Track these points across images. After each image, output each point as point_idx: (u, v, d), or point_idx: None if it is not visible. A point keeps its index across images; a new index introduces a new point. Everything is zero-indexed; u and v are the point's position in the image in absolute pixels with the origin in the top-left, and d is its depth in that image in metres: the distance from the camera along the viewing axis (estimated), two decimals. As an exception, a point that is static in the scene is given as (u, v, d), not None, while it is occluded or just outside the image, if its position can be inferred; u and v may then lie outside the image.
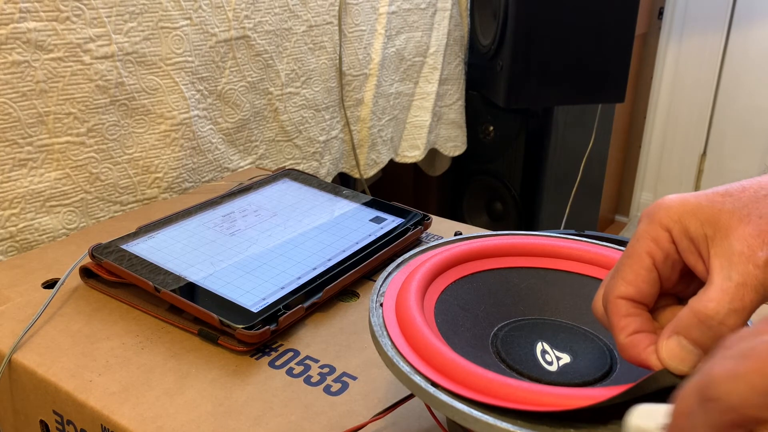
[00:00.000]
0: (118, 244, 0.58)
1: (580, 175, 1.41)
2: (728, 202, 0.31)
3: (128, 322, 0.52)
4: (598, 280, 0.44)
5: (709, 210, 0.31)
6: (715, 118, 1.96)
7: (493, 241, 0.45)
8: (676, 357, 0.30)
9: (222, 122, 0.87)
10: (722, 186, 0.33)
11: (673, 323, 0.31)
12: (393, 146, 1.20)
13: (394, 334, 0.36)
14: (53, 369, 0.47)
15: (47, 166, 0.69)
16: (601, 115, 1.43)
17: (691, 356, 0.30)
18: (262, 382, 0.46)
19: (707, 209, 0.31)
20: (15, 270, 0.60)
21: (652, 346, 0.31)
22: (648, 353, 0.31)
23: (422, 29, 1.17)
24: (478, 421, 0.30)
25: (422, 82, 1.21)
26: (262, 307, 0.51)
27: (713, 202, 0.31)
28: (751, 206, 0.30)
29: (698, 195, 0.32)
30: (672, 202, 0.32)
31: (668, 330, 0.31)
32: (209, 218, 0.65)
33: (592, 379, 0.36)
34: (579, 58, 1.20)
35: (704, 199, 0.32)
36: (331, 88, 1.02)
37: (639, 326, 0.32)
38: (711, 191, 0.32)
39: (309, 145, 1.01)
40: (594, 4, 1.17)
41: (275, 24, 0.89)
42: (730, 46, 1.88)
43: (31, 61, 0.65)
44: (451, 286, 0.42)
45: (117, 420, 0.42)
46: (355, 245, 0.61)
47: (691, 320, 0.30)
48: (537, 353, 0.38)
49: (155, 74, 0.76)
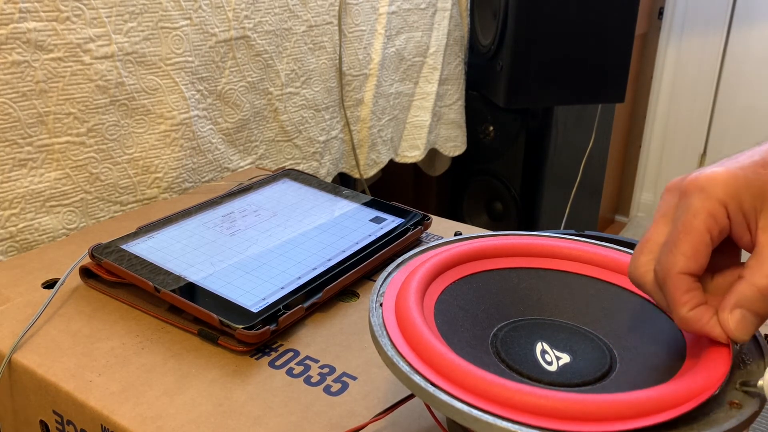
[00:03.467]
0: (118, 244, 0.58)
1: (580, 175, 1.41)
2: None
3: (128, 322, 0.52)
4: (598, 280, 0.44)
5: (756, 183, 0.32)
6: (715, 118, 1.96)
7: (492, 242, 0.45)
8: (743, 329, 0.33)
9: (222, 122, 0.87)
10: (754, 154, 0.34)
11: (734, 297, 0.33)
12: (393, 146, 1.20)
13: (394, 335, 0.36)
14: (53, 369, 0.47)
15: (47, 166, 0.69)
16: (601, 115, 1.43)
17: (753, 327, 0.33)
18: (262, 382, 0.46)
19: (755, 182, 0.32)
20: (15, 270, 0.60)
21: (714, 318, 0.33)
22: (712, 326, 0.33)
23: (422, 29, 1.17)
24: (478, 421, 0.30)
25: (422, 82, 1.21)
26: (262, 307, 0.51)
27: (758, 174, 0.32)
28: None
29: (742, 167, 0.33)
30: (724, 176, 0.33)
31: (730, 304, 0.33)
32: (209, 218, 0.65)
33: (592, 379, 0.36)
34: (579, 58, 1.20)
35: (750, 172, 0.33)
36: (331, 88, 1.02)
37: (699, 300, 0.33)
38: (749, 162, 0.33)
39: (309, 145, 1.01)
40: (594, 4, 1.17)
41: (275, 24, 0.89)
42: (730, 46, 1.88)
43: (31, 61, 0.65)
44: (450, 286, 0.42)
45: (117, 420, 0.42)
46: (355, 245, 0.61)
47: (754, 293, 0.32)
48: (537, 353, 0.38)
49: (155, 74, 0.76)
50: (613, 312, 0.41)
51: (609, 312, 0.41)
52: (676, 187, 0.35)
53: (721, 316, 0.33)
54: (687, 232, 0.33)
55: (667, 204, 0.35)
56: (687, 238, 0.33)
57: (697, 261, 0.33)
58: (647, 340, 0.39)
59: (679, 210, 0.34)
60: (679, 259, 0.33)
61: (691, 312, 0.33)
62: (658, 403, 0.30)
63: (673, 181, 0.36)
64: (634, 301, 0.41)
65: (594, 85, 1.23)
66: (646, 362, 0.37)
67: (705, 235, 0.33)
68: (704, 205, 0.33)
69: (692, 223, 0.33)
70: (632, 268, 0.36)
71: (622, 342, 0.39)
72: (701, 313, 0.33)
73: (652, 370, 0.36)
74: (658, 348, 0.38)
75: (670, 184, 0.36)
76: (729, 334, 0.33)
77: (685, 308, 0.33)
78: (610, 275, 0.43)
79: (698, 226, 0.33)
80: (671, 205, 0.35)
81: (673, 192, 0.35)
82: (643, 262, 0.35)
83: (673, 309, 0.34)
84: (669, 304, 0.34)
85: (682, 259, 0.33)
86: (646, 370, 0.36)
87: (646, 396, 0.31)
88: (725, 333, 0.33)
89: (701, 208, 0.33)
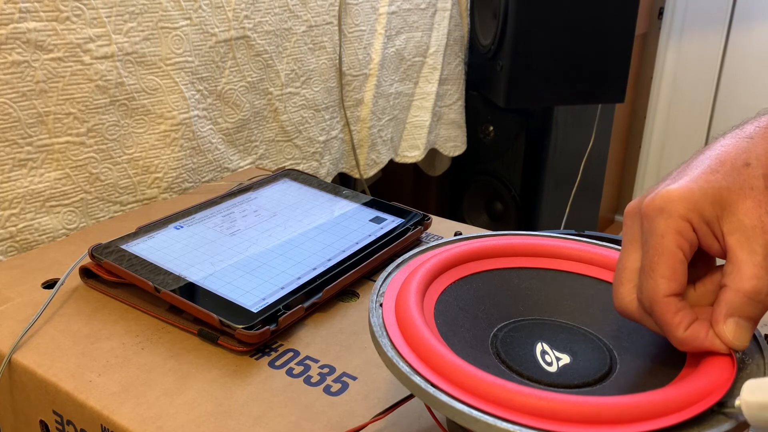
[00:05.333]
0: (118, 244, 0.58)
1: (580, 175, 1.41)
2: (720, 179, 0.33)
3: (128, 322, 0.52)
4: (598, 280, 0.44)
5: (711, 191, 0.33)
6: (715, 118, 1.96)
7: (492, 242, 0.45)
8: (740, 337, 0.33)
9: (222, 122, 0.87)
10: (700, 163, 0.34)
11: (723, 308, 0.33)
12: (393, 146, 1.20)
13: (394, 335, 0.36)
14: (53, 369, 0.47)
15: (47, 166, 0.69)
16: (601, 115, 1.43)
17: (749, 332, 0.33)
18: (262, 382, 0.46)
19: (709, 191, 0.33)
20: (15, 270, 0.60)
21: (710, 332, 0.33)
22: (710, 341, 0.33)
23: (422, 29, 1.17)
24: (478, 421, 0.30)
25: (422, 82, 1.21)
26: (262, 307, 0.51)
27: (710, 182, 0.33)
28: (738, 179, 0.33)
29: (693, 179, 0.33)
30: (679, 191, 0.33)
31: (722, 314, 0.33)
32: (209, 218, 0.65)
33: (592, 380, 0.36)
34: (579, 58, 1.20)
35: (702, 182, 0.33)
36: (331, 88, 1.02)
37: (691, 317, 0.34)
38: (698, 172, 0.34)
39: (309, 145, 1.01)
40: (594, 4, 1.17)
41: (275, 24, 0.89)
42: (730, 46, 1.88)
43: (31, 61, 0.65)
44: (450, 286, 0.42)
45: (117, 420, 0.42)
46: (355, 245, 0.61)
47: (741, 300, 0.32)
48: (537, 354, 0.38)
49: (155, 74, 0.76)
50: (613, 312, 0.41)
51: (609, 312, 0.41)
52: (635, 211, 0.36)
53: (716, 330, 0.33)
54: (660, 254, 0.33)
55: (630, 229, 0.36)
56: (661, 260, 0.33)
57: (677, 280, 0.33)
58: (647, 341, 0.39)
59: (645, 234, 0.34)
60: (660, 283, 0.33)
61: (686, 332, 0.33)
62: (660, 407, 0.30)
63: (630, 205, 0.36)
64: (634, 302, 0.41)
65: (594, 85, 1.23)
66: (647, 363, 0.37)
67: (678, 253, 0.33)
68: (668, 224, 0.33)
69: (662, 244, 0.33)
70: (617, 301, 0.36)
71: (622, 343, 0.39)
72: (697, 330, 0.33)
73: (652, 372, 0.36)
74: (658, 349, 0.38)
75: (628, 209, 0.36)
76: (728, 344, 0.33)
77: (680, 330, 0.33)
78: (611, 275, 0.43)
79: (669, 246, 0.33)
80: (634, 231, 0.35)
81: (634, 217, 0.36)
82: (624, 292, 0.36)
83: (668, 332, 0.34)
84: (662, 328, 0.34)
85: (663, 282, 0.33)
86: (646, 371, 0.36)
87: (648, 399, 0.30)
88: (725, 344, 0.33)
89: (667, 228, 0.33)
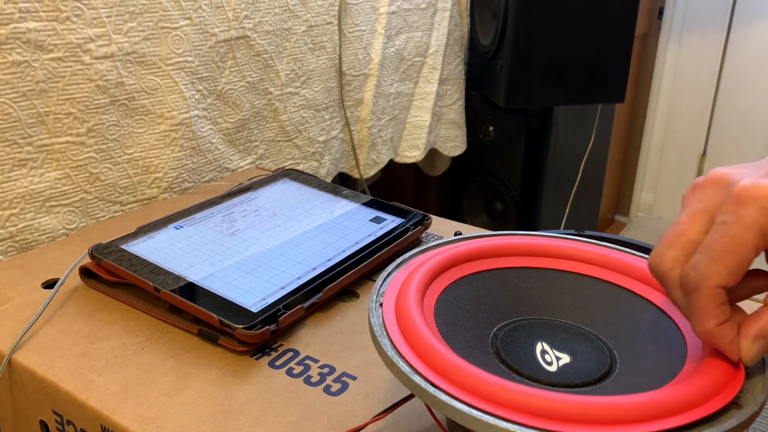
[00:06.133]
0: (118, 244, 0.58)
1: (580, 175, 1.41)
2: None
3: (128, 322, 0.52)
4: (597, 279, 0.43)
5: None
6: (715, 118, 1.96)
7: (492, 241, 0.45)
8: (757, 358, 0.32)
9: (222, 122, 0.87)
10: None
11: (758, 326, 0.32)
12: (393, 146, 1.20)
13: (394, 335, 0.36)
14: (53, 369, 0.47)
15: (47, 166, 0.69)
16: (601, 115, 1.43)
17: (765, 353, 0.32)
18: (262, 382, 0.46)
19: None
20: (15, 270, 0.60)
21: (735, 340, 0.32)
22: (731, 347, 0.32)
23: (422, 29, 1.17)
24: (478, 421, 0.30)
25: (422, 82, 1.21)
26: (262, 307, 0.51)
27: None
28: None
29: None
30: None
31: (753, 333, 0.32)
32: (209, 218, 0.65)
33: (592, 380, 0.36)
34: (579, 59, 1.20)
35: None
36: (331, 88, 1.02)
37: (727, 315, 0.32)
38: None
39: (309, 145, 1.01)
40: (594, 4, 1.17)
41: (275, 24, 0.89)
42: (730, 46, 1.88)
43: (31, 61, 0.65)
44: (450, 286, 0.42)
45: (117, 420, 0.42)
46: (355, 245, 0.61)
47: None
48: (537, 353, 0.38)
49: (155, 74, 0.76)
50: (613, 312, 0.41)
51: (609, 312, 0.41)
52: (723, 183, 0.33)
53: (742, 344, 0.32)
54: (736, 244, 0.31)
55: (709, 200, 0.33)
56: (735, 250, 0.31)
57: (738, 276, 0.31)
58: (647, 341, 0.38)
59: (726, 215, 0.31)
60: (722, 271, 0.31)
61: (717, 327, 0.32)
62: (662, 408, 0.30)
63: (717, 172, 0.33)
64: (635, 301, 0.41)
65: (594, 85, 1.23)
66: (647, 363, 0.37)
67: (752, 251, 0.31)
68: (758, 220, 0.30)
69: (743, 237, 0.30)
70: (657, 260, 0.34)
71: (622, 342, 0.39)
72: (725, 331, 0.32)
73: (652, 371, 0.36)
74: (658, 348, 0.38)
75: (715, 176, 0.33)
76: (743, 359, 0.33)
77: (713, 322, 0.32)
78: (611, 275, 0.43)
79: (748, 242, 0.30)
80: (714, 202, 0.32)
81: (718, 188, 0.33)
82: (671, 257, 0.33)
83: (698, 318, 0.32)
84: (695, 312, 0.32)
85: (725, 272, 0.31)
86: (646, 370, 0.36)
87: (651, 399, 0.30)
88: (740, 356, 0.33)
89: (754, 223, 0.30)
